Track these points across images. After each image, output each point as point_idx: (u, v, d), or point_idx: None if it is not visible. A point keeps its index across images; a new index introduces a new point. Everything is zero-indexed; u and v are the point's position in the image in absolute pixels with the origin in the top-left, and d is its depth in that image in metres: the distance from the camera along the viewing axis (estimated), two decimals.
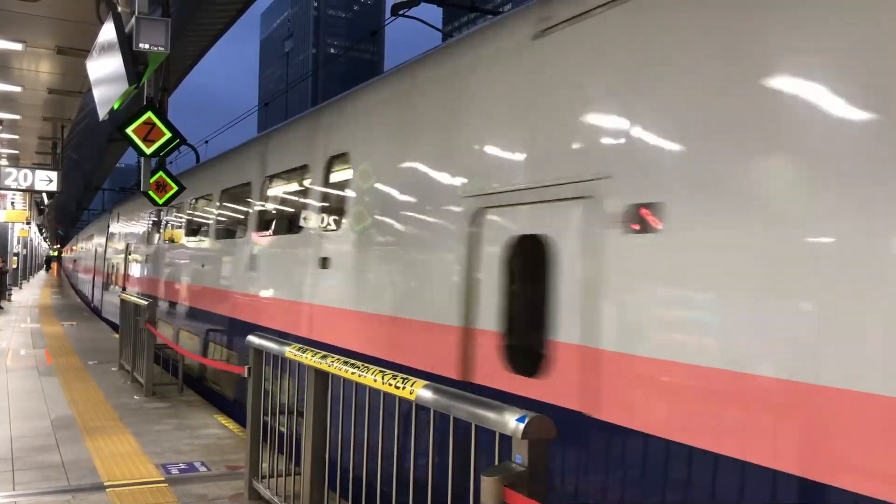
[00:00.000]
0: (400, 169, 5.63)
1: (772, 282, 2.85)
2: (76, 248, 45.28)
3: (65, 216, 62.21)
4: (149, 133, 7.86)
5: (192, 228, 12.14)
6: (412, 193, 5.41)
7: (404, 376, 3.56)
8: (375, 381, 3.68)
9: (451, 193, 4.89)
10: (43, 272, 74.92)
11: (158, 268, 14.17)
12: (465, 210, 4.69)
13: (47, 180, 16.78)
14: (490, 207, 4.47)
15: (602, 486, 3.56)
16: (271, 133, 9.19)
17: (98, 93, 7.78)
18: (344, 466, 4.35)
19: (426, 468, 3.38)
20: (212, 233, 10.75)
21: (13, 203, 27.86)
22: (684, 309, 3.24)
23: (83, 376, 10.73)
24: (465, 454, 3.12)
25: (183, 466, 6.23)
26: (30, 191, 18.27)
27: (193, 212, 12.15)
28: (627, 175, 3.54)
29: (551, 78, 4.15)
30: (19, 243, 38.67)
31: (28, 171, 16.83)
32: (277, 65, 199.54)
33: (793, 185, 2.84)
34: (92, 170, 37.33)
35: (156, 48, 6.22)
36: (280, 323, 7.52)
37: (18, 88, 12.88)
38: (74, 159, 26.81)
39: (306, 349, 4.56)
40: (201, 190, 11.66)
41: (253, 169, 9.19)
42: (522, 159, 4.29)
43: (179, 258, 12.60)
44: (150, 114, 7.89)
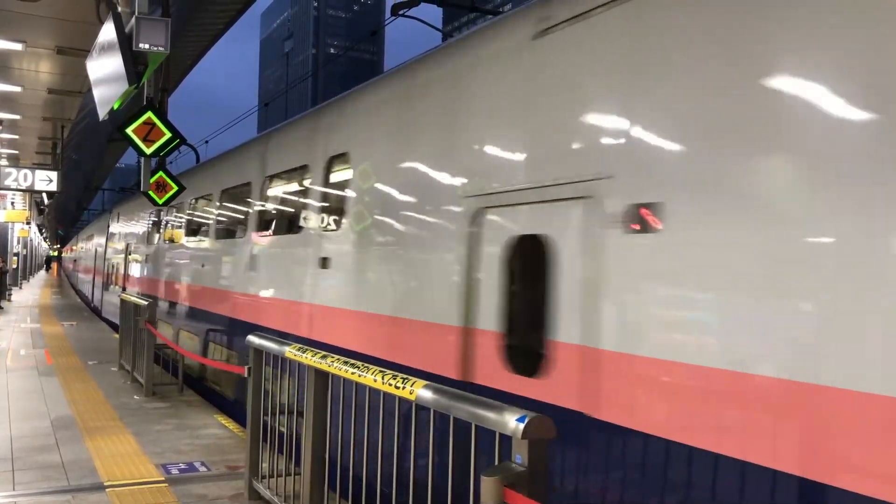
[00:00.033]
0: (400, 169, 5.61)
1: (772, 281, 2.86)
2: (76, 249, 45.21)
3: (65, 216, 62.22)
4: (149, 133, 7.87)
5: (193, 228, 12.10)
6: (412, 193, 5.40)
7: (404, 376, 3.56)
8: (375, 382, 3.68)
9: (451, 193, 4.87)
10: (43, 272, 74.94)
11: (159, 268, 14.12)
12: (466, 210, 4.67)
13: (47, 180, 16.80)
14: (490, 207, 4.46)
15: (602, 486, 3.57)
16: (271, 133, 9.16)
17: (98, 93, 7.79)
18: (344, 466, 4.36)
19: (426, 468, 3.38)
20: (212, 233, 10.72)
21: (13, 203, 27.85)
22: (684, 309, 3.24)
23: (83, 376, 10.73)
24: (465, 454, 3.12)
25: (183, 466, 6.23)
26: (30, 191, 18.28)
27: (194, 212, 12.10)
28: (628, 175, 3.53)
29: (551, 78, 4.14)
30: (19, 243, 38.68)
31: (28, 171, 16.84)
32: (277, 65, 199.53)
33: (793, 185, 2.84)
34: (92, 170, 37.35)
35: (156, 48, 6.23)
36: (280, 323, 7.51)
37: (18, 88, 12.88)
38: (74, 159, 26.82)
39: (306, 349, 4.56)
40: (201, 190, 11.63)
41: (253, 169, 9.16)
42: (522, 159, 4.28)
43: (180, 258, 12.56)
44: (150, 114, 7.90)
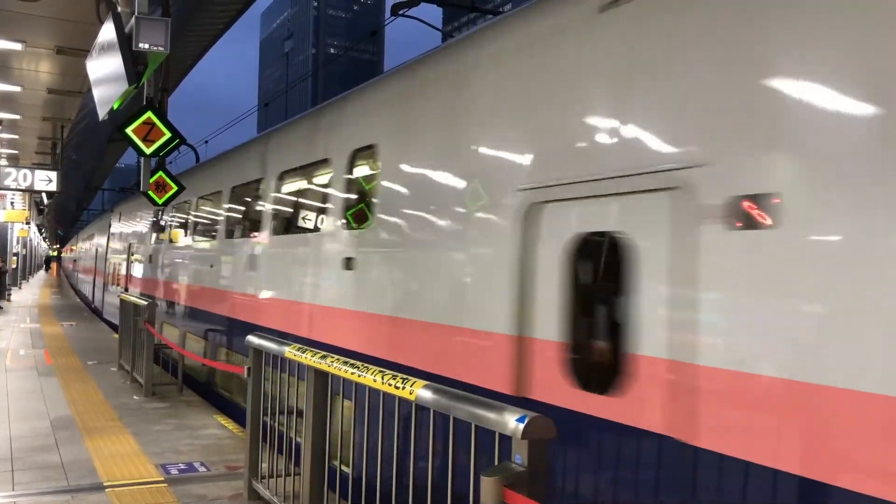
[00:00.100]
0: (439, 161, 5.15)
1: None
2: (76, 248, 45.11)
3: (64, 216, 62.18)
4: (148, 133, 7.87)
5: (200, 228, 11.79)
6: (453, 187, 4.92)
7: (404, 376, 3.54)
8: (375, 382, 3.67)
9: (501, 186, 4.39)
10: (42, 272, 74.92)
11: (163, 268, 13.82)
12: (519, 205, 4.21)
13: (47, 180, 16.80)
14: (549, 202, 4.00)
15: None
16: (286, 127, 8.81)
17: (98, 93, 7.79)
18: (343, 467, 4.35)
19: (426, 468, 3.37)
20: (221, 232, 10.34)
21: (13, 203, 27.84)
22: (806, 320, 2.75)
23: (82, 376, 10.72)
24: (466, 454, 3.11)
25: (182, 467, 6.22)
26: (29, 191, 18.28)
27: (200, 211, 11.76)
28: (728, 162, 3.06)
29: (625, 52, 3.67)
30: (19, 243, 38.69)
31: (28, 171, 16.84)
32: (277, 65, 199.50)
33: None
34: (92, 170, 37.32)
35: (156, 48, 6.23)
36: (304, 329, 7.02)
37: (18, 88, 12.88)
38: (74, 159, 26.80)
39: (306, 349, 4.54)
40: (209, 188, 11.26)
41: (266, 164, 8.78)
42: (590, 145, 3.78)
43: (185, 259, 12.28)
44: (150, 114, 7.90)
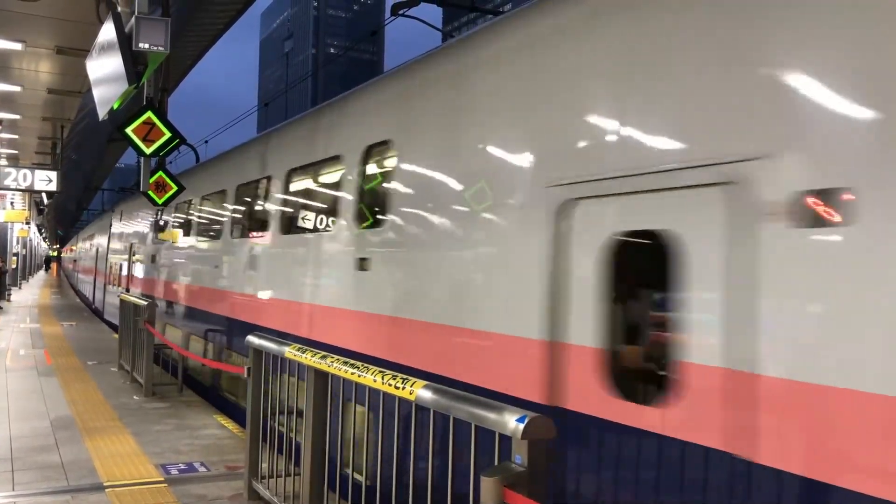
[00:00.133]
0: (459, 156, 4.90)
1: None
2: (76, 248, 45.05)
3: (64, 216, 62.19)
4: (148, 133, 7.87)
5: (203, 228, 11.51)
6: (476, 184, 4.68)
7: (404, 376, 3.53)
8: (375, 382, 3.67)
9: (530, 182, 4.16)
10: (42, 272, 74.95)
11: (165, 269, 13.61)
12: (550, 202, 3.96)
13: (47, 180, 16.81)
14: (585, 198, 3.75)
15: None
16: (292, 124, 8.59)
17: (98, 93, 7.79)
18: (343, 467, 4.35)
19: (426, 468, 3.37)
20: (225, 232, 10.09)
21: (13, 203, 27.87)
22: (882, 328, 2.57)
23: (82, 376, 10.72)
24: (466, 454, 3.11)
25: (182, 467, 6.22)
26: (29, 191, 18.28)
27: (204, 210, 11.51)
28: (791, 154, 2.85)
29: (670, 36, 3.42)
30: (19, 243, 38.70)
31: (28, 171, 16.85)
32: (277, 65, 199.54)
33: None
34: (92, 170, 37.33)
35: (156, 48, 6.23)
36: (309, 330, 6.79)
37: (18, 88, 12.89)
38: (74, 159, 26.81)
39: (306, 349, 4.54)
40: (214, 186, 11.01)
41: (273, 162, 8.54)
42: (632, 137, 3.54)
43: (188, 259, 12.10)
44: (150, 114, 7.90)
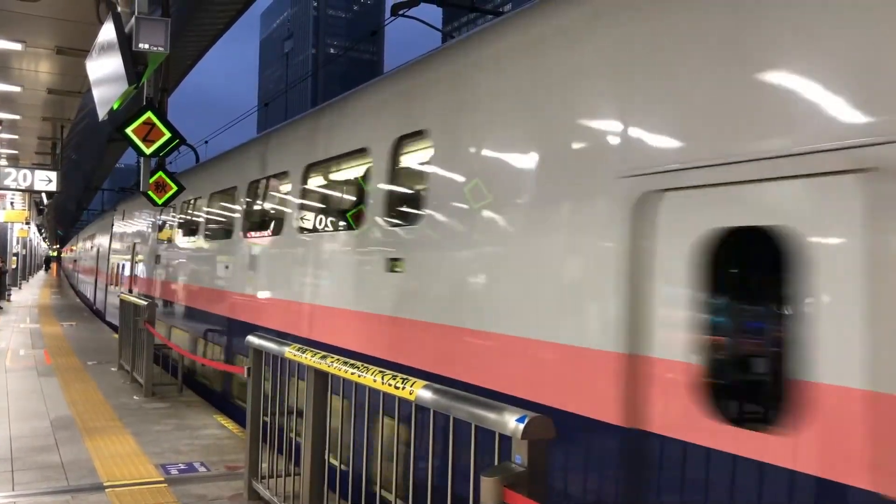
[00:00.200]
0: (509, 146, 4.46)
1: None
2: (76, 248, 44.96)
3: (64, 216, 62.20)
4: (148, 133, 7.87)
5: (212, 227, 11.04)
6: (529, 176, 4.25)
7: (404, 376, 3.53)
8: (375, 382, 3.67)
9: (599, 173, 3.74)
10: (42, 272, 74.99)
11: (170, 270, 13.24)
12: (625, 194, 3.53)
13: (47, 180, 16.82)
14: (671, 190, 3.33)
15: None
16: (310, 116, 8.11)
17: (98, 93, 7.80)
18: (343, 467, 4.35)
19: (426, 468, 3.37)
20: (236, 231, 9.59)
21: (12, 203, 27.87)
22: None
23: (82, 376, 10.72)
24: (466, 454, 3.11)
25: (182, 467, 6.22)
26: (29, 191, 18.29)
27: (212, 208, 11.01)
28: None
29: None
30: (18, 243, 38.72)
31: (27, 171, 16.86)
32: (277, 65, 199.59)
33: None
34: (91, 170, 37.34)
35: (155, 48, 6.24)
36: (350, 340, 6.18)
37: (18, 88, 12.90)
38: (74, 159, 26.82)
39: (306, 349, 4.54)
40: (223, 183, 10.52)
41: (290, 157, 8.09)
42: (738, 117, 3.08)
43: (193, 260, 11.78)
44: (150, 114, 7.90)
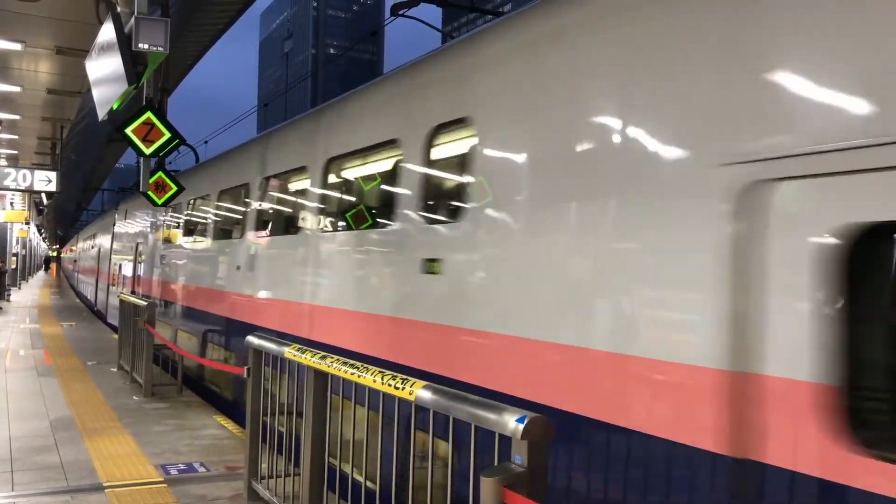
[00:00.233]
0: (578, 132, 3.94)
1: None
2: (76, 249, 44.82)
3: (64, 217, 62.22)
4: (148, 133, 7.87)
5: (219, 226, 10.65)
6: (603, 166, 3.76)
7: (404, 377, 3.53)
8: (375, 382, 3.67)
9: (689, 161, 3.32)
10: (42, 273, 75.03)
11: (174, 270, 12.94)
12: (723, 185, 3.10)
13: (46, 180, 16.82)
14: (788, 179, 2.92)
15: None
16: (330, 107, 7.64)
17: (97, 93, 7.80)
18: (343, 467, 4.35)
19: (426, 469, 3.37)
20: (247, 230, 9.16)
21: (12, 203, 27.88)
22: None
23: (82, 377, 10.72)
24: (466, 455, 3.11)
25: (182, 467, 6.22)
26: (29, 191, 18.29)
27: (220, 207, 10.66)
28: None
29: None
30: (18, 243, 38.73)
31: (27, 172, 16.86)
32: (277, 65, 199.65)
33: None
34: (91, 170, 37.36)
35: (155, 48, 6.24)
36: (382, 348, 5.73)
37: (18, 88, 12.89)
38: (74, 160, 26.81)
39: (305, 349, 4.53)
40: (231, 181, 10.18)
41: (307, 151, 7.67)
42: (878, 92, 2.65)
43: (199, 260, 11.47)
44: (150, 114, 7.90)
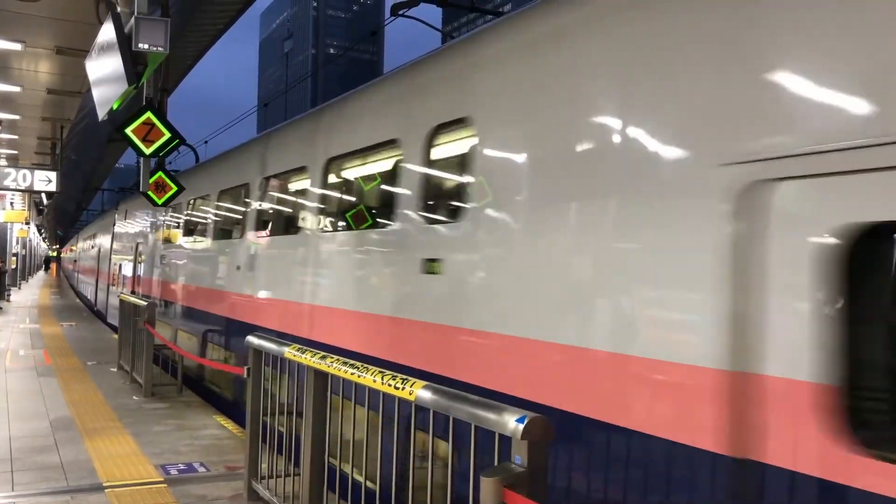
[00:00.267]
0: (573, 132, 3.94)
1: None
2: (77, 249, 44.74)
3: (64, 217, 62.22)
4: (148, 133, 7.87)
5: (220, 226, 10.53)
6: (597, 165, 3.76)
7: (403, 377, 3.53)
8: (374, 382, 3.67)
9: (689, 161, 3.30)
10: (42, 273, 75.06)
11: (175, 270, 12.82)
12: (723, 185, 3.09)
13: (46, 181, 16.82)
14: (784, 180, 2.90)
15: None
16: (331, 106, 7.62)
17: (97, 93, 7.80)
18: (343, 467, 4.35)
19: (426, 469, 3.37)
20: (248, 229, 9.07)
21: (12, 203, 27.89)
22: None
23: (82, 377, 10.72)
24: (466, 455, 3.11)
25: (182, 467, 6.22)
26: (29, 191, 18.29)
27: (220, 207, 10.56)
28: None
29: None
30: (18, 243, 38.73)
31: (27, 172, 16.86)
32: (277, 65, 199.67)
33: None
34: (91, 170, 37.36)
35: (155, 48, 6.24)
36: (368, 345, 5.79)
37: (18, 88, 12.89)
38: (74, 160, 26.82)
39: (305, 349, 4.54)
40: (232, 180, 10.08)
41: (306, 151, 7.69)
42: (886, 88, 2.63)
43: (201, 260, 11.36)
44: (150, 114, 7.90)
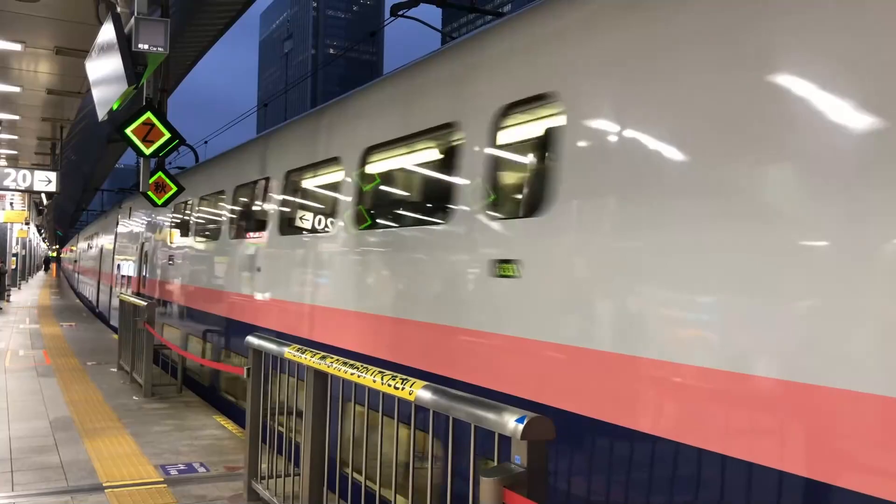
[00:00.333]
0: (709, 108, 3.25)
1: None
2: (77, 249, 44.62)
3: (64, 217, 62.20)
4: (148, 133, 7.87)
5: (239, 224, 9.85)
6: (742, 146, 3.08)
7: (403, 377, 3.54)
8: (374, 382, 3.67)
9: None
10: (42, 273, 75.08)
11: (183, 271, 12.35)
12: None
13: (46, 181, 16.82)
14: None
15: None
16: (372, 88, 6.83)
17: (97, 93, 7.81)
18: (343, 467, 4.35)
19: (426, 469, 3.37)
20: (271, 227, 8.38)
21: (12, 204, 27.91)
22: None
23: (82, 377, 10.72)
24: (465, 455, 3.11)
25: (182, 467, 6.22)
26: (29, 191, 18.28)
27: (235, 203, 9.97)
28: None
29: None
30: (18, 244, 38.74)
31: (27, 172, 16.86)
32: (277, 65, 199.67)
33: None
34: (91, 170, 37.30)
35: (155, 49, 6.24)
36: (414, 357, 5.21)
37: (17, 89, 12.90)
38: (73, 160, 26.80)
39: (305, 349, 4.54)
40: (247, 176, 9.51)
41: (339, 141, 6.90)
42: None
43: (207, 261, 11.03)
44: (150, 114, 7.90)
